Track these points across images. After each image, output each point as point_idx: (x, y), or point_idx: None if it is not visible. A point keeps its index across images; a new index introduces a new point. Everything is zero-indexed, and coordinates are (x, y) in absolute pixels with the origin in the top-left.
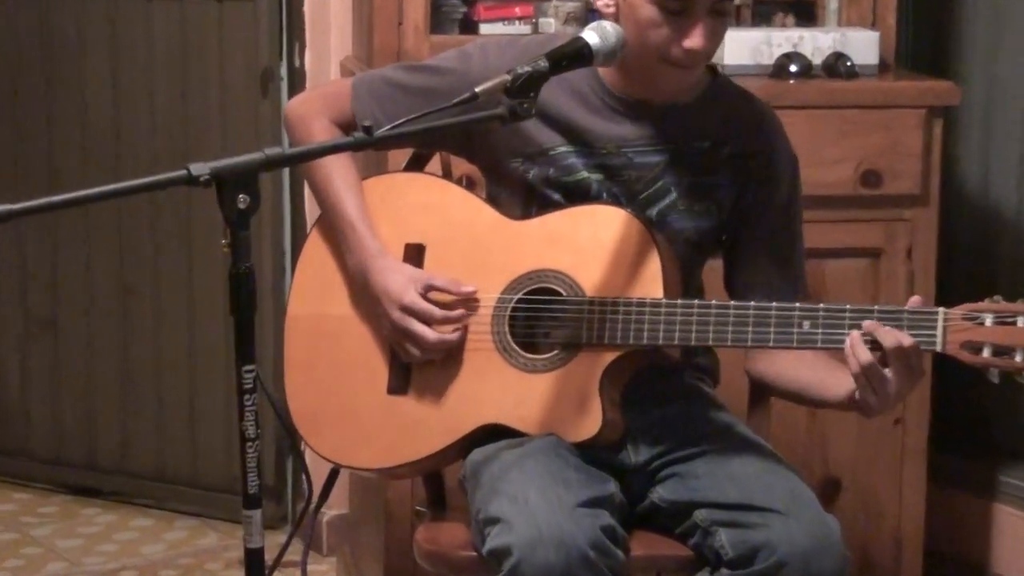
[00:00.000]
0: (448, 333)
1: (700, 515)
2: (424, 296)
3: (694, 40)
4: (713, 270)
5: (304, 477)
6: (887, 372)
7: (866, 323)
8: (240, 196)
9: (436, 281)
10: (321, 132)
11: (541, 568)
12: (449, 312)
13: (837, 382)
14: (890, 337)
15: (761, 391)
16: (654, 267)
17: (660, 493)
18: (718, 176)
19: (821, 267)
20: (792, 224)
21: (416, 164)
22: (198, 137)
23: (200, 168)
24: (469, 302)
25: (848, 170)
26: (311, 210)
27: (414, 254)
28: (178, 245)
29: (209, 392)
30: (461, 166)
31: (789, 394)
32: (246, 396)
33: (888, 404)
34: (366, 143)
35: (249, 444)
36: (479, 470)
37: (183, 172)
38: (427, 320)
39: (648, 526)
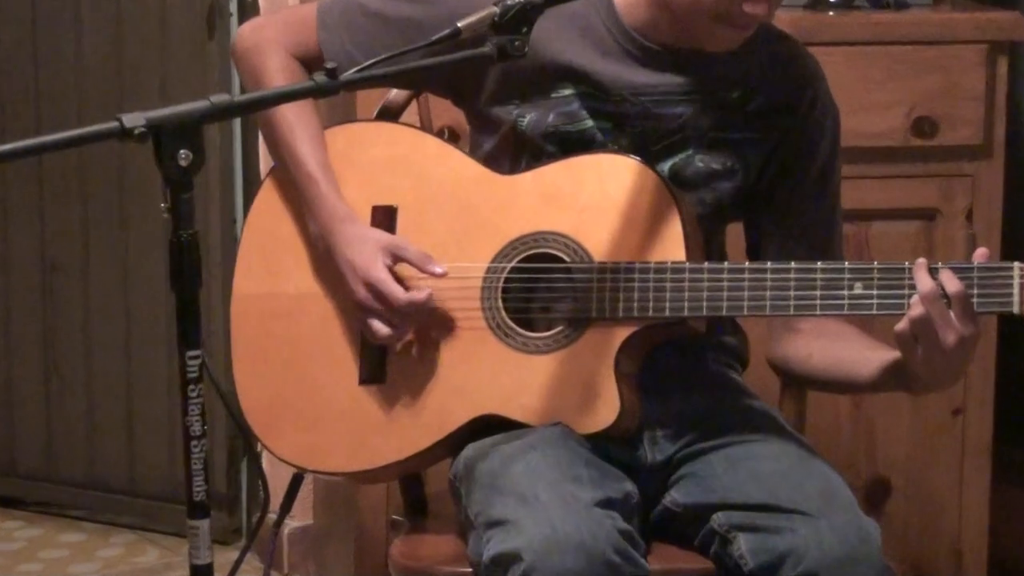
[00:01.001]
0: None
1: (718, 519)
2: (392, 269)
3: (758, 7)
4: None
5: (260, 483)
6: (949, 326)
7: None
8: (182, 152)
9: (406, 251)
10: (278, 70)
11: (556, 574)
12: (415, 296)
13: (878, 357)
14: (958, 284)
15: (798, 383)
16: (674, 225)
17: (674, 497)
18: (745, 131)
19: (865, 232)
20: (829, 188)
21: (391, 110)
22: (133, 83)
23: (134, 119)
24: (466, 278)
25: (898, 117)
26: (268, 168)
27: (384, 219)
28: (109, 211)
29: (148, 384)
30: (443, 116)
31: (822, 380)
32: (191, 387)
33: (941, 375)
34: (334, 87)
35: (195, 443)
36: (475, 467)
37: (114, 124)
38: (391, 304)
39: (664, 536)
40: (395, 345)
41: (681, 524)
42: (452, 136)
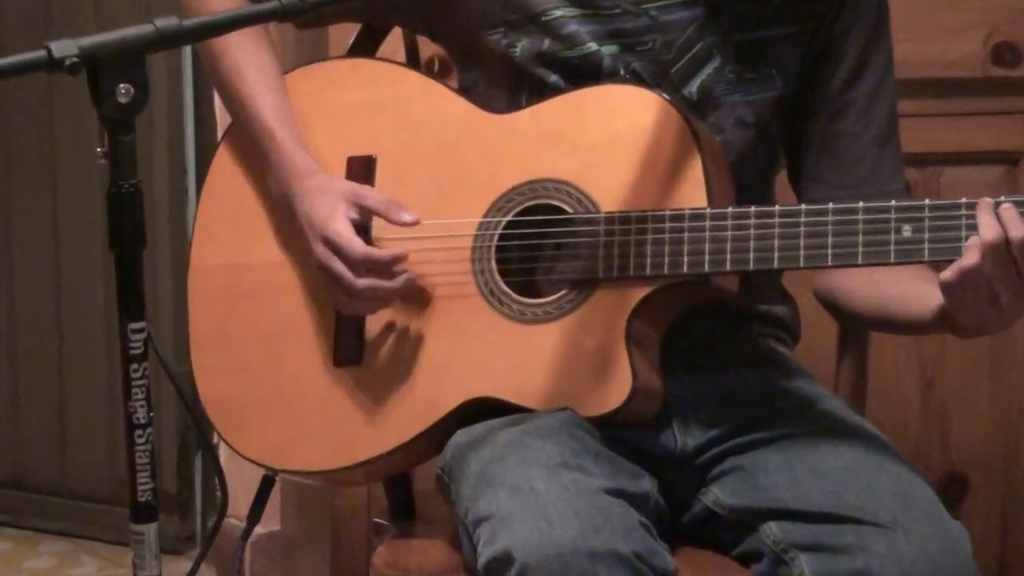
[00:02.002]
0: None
1: (770, 531)
2: (357, 221)
3: None
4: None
5: (217, 481)
6: (1007, 279)
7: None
8: (121, 86)
9: (368, 198)
10: None
11: None
12: (373, 251)
13: (927, 295)
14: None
15: (842, 319)
16: (694, 167)
17: (716, 495)
18: (775, 26)
19: (936, 179)
20: (885, 83)
21: (366, 43)
22: (63, 5)
23: (65, 47)
24: (454, 237)
25: (974, 43)
26: (223, 116)
27: (361, 170)
28: (36, 156)
29: (83, 364)
30: (431, 43)
31: (867, 319)
32: (134, 366)
33: (992, 325)
34: (300, 8)
35: (139, 433)
36: (465, 456)
37: (41, 53)
38: (346, 260)
39: (697, 541)
40: (367, 318)
41: (720, 528)
42: (443, 68)
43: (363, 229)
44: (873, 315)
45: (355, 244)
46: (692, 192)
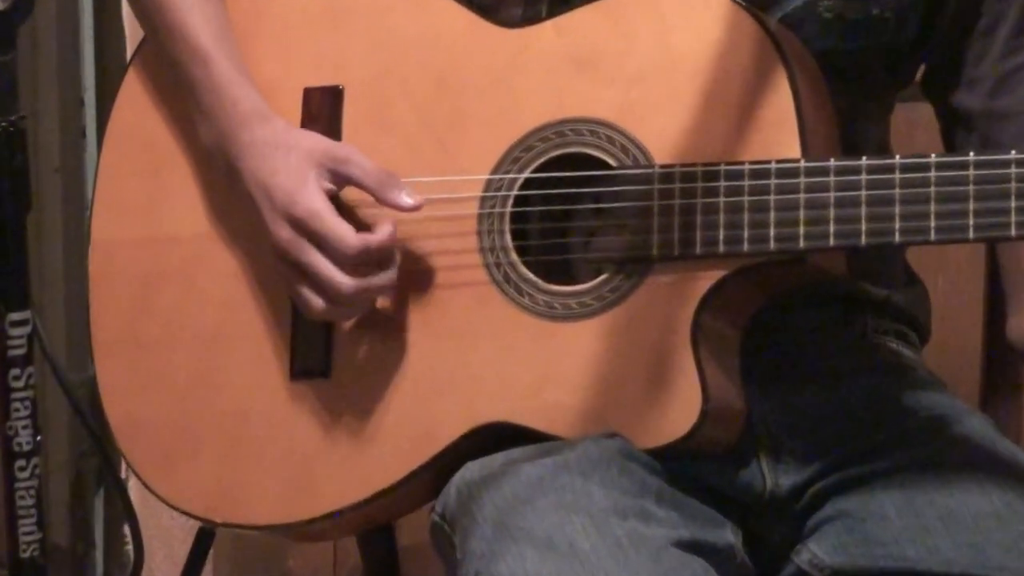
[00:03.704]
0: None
1: None
2: (335, 194)
3: None
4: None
5: (129, 530)
6: None
7: None
8: None
9: (354, 165)
10: None
11: None
12: (371, 238)
13: None
14: None
15: None
16: (781, 102)
17: (814, 552)
18: None
19: None
20: None
21: None
22: None
23: None
24: (453, 201)
25: None
26: (135, 29)
27: (322, 108)
28: None
29: None
30: None
31: None
32: (14, 372)
33: None
34: None
35: (21, 465)
36: (477, 497)
37: None
38: (334, 255)
39: None
40: (338, 321)
41: None
42: None
43: (333, 197)
44: None
45: (346, 233)
46: (780, 136)
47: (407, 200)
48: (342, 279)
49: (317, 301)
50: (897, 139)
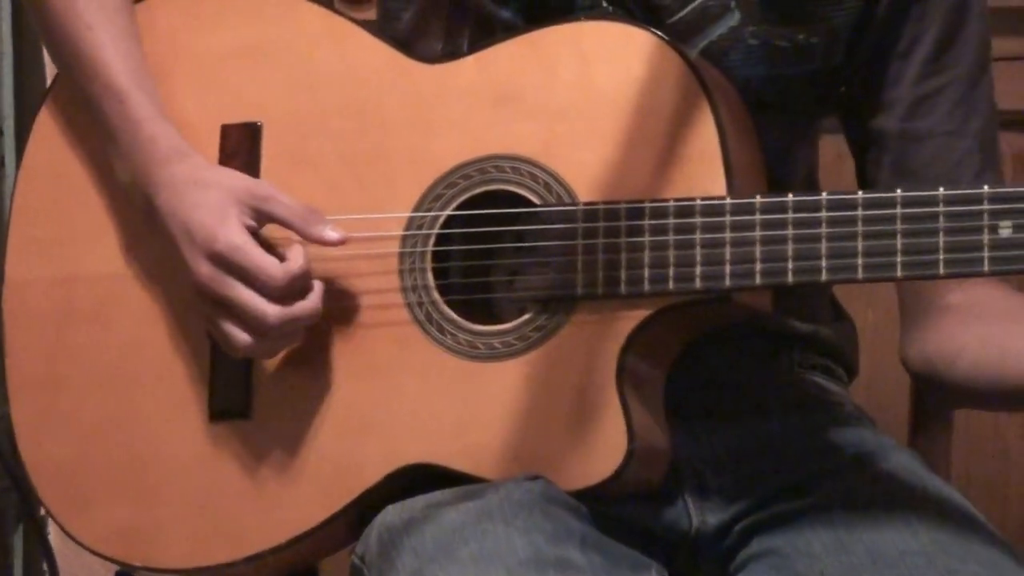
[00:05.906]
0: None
1: None
2: (255, 231)
3: None
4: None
5: (46, 569)
6: None
7: None
8: None
9: (275, 202)
10: None
11: None
12: (291, 266)
13: None
14: None
15: (948, 397)
16: (705, 138)
17: None
18: None
19: None
20: (979, 47)
21: None
22: None
23: None
24: (374, 239)
25: None
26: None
27: (241, 143)
28: None
29: None
30: None
31: (981, 386)
32: None
33: None
34: None
35: None
36: (396, 544)
37: None
38: (261, 288)
39: None
40: (263, 358)
41: None
42: None
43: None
44: (989, 382)
45: (270, 264)
46: (704, 171)
47: (331, 235)
48: (268, 309)
49: (242, 336)
50: (825, 172)
